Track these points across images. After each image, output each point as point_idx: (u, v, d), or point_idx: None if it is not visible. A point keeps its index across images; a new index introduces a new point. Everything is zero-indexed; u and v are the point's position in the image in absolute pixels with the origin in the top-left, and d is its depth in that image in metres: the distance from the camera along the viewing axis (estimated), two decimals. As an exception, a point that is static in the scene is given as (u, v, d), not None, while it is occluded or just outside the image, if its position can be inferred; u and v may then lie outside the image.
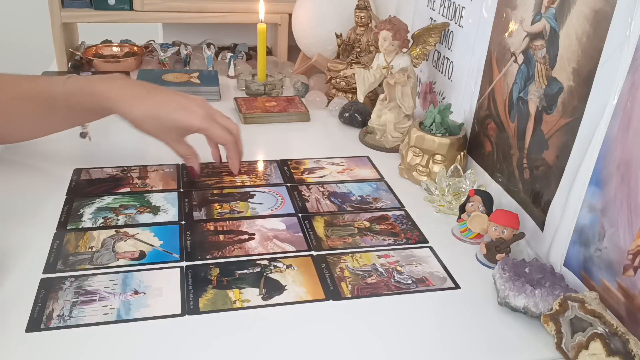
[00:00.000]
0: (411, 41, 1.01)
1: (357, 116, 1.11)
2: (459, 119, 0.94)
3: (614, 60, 0.60)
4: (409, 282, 0.70)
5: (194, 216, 0.80)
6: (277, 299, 0.65)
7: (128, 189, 0.86)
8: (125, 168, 0.91)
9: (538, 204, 0.74)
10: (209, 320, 0.62)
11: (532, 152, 0.76)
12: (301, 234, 0.77)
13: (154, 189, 0.86)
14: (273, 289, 0.67)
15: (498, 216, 0.73)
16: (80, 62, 1.34)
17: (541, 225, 0.73)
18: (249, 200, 0.85)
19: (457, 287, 0.69)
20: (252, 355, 0.58)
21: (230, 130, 0.88)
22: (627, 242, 0.57)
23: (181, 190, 0.86)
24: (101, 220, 0.77)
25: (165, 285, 0.66)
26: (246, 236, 0.76)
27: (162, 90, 0.86)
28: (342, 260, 0.73)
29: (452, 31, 0.99)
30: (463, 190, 0.85)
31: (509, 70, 0.81)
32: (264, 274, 0.69)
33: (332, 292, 0.67)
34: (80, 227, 0.76)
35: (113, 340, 0.58)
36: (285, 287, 0.67)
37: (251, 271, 0.70)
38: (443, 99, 1.03)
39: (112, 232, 0.75)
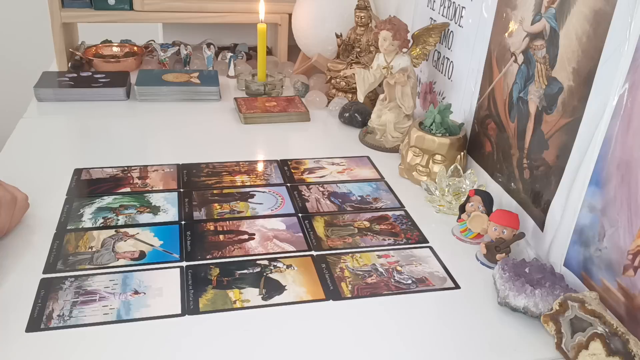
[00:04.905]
0: (411, 41, 1.01)
1: (357, 116, 1.11)
2: (459, 119, 0.94)
3: (614, 60, 0.60)
4: (409, 282, 0.70)
5: (194, 216, 0.80)
6: (277, 299, 0.65)
7: (128, 189, 0.86)
8: (125, 168, 0.91)
9: (538, 204, 0.74)
10: (209, 320, 0.62)
11: (532, 152, 0.76)
12: (301, 234, 0.77)
13: (154, 189, 0.86)
14: (273, 289, 0.67)
15: (498, 216, 0.73)
16: (80, 62, 1.34)
17: (541, 225, 0.73)
18: (249, 200, 0.85)
19: (457, 287, 0.69)
20: (252, 355, 0.58)
21: (12, 193, 0.73)
22: (627, 242, 0.57)
23: (181, 190, 0.86)
24: (101, 220, 0.77)
25: (165, 285, 0.66)
26: (246, 236, 0.76)
27: None
28: (342, 260, 0.73)
29: (452, 31, 0.99)
30: (463, 190, 0.85)
31: (509, 70, 0.81)
32: (264, 274, 0.69)
33: (332, 292, 0.67)
34: (80, 227, 0.76)
35: (113, 340, 0.58)
36: (285, 287, 0.67)
37: (251, 271, 0.70)
38: (443, 99, 1.03)
39: (112, 232, 0.75)
